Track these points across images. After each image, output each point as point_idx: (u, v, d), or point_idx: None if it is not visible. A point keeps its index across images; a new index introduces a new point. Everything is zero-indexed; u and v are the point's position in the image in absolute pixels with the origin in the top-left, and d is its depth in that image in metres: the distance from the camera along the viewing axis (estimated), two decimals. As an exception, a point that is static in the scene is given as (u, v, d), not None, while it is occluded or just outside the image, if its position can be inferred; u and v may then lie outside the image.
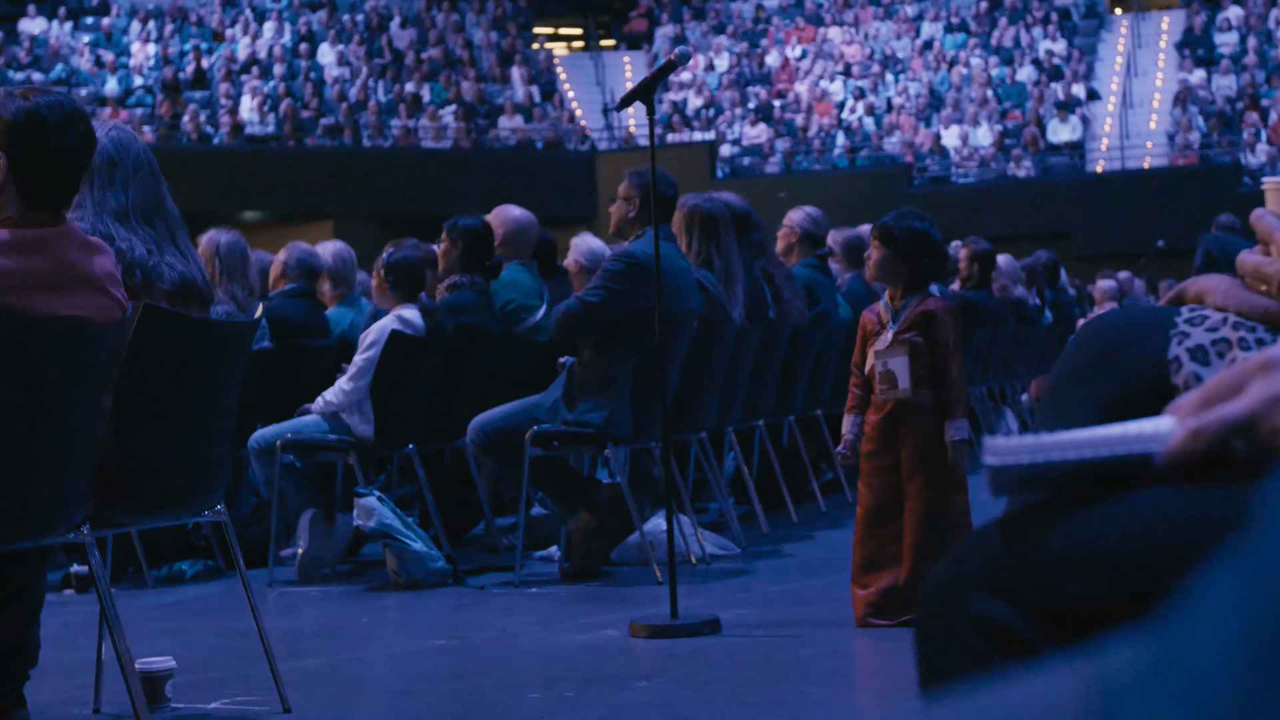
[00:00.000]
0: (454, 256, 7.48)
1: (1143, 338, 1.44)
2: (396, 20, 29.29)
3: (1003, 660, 1.17)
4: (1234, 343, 1.45)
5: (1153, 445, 1.17)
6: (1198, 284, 1.55)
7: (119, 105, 25.09)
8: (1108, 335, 1.44)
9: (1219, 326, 1.46)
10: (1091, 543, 1.18)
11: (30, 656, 4.00)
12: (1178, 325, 1.46)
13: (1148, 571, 1.16)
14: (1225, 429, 1.14)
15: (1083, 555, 1.18)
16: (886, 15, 30.55)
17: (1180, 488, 1.17)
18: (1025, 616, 1.18)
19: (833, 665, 4.75)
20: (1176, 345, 1.44)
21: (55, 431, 3.59)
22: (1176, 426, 1.17)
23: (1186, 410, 1.17)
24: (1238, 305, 1.49)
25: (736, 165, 27.48)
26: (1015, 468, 1.20)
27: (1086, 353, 1.44)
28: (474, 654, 5.13)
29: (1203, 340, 1.44)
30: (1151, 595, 1.12)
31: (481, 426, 6.67)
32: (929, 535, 5.11)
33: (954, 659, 1.21)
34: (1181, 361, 1.42)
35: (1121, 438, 1.18)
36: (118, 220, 4.38)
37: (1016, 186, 25.78)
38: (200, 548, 7.15)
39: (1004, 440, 1.20)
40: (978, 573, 1.23)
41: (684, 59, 6.58)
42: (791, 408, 8.58)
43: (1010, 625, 1.18)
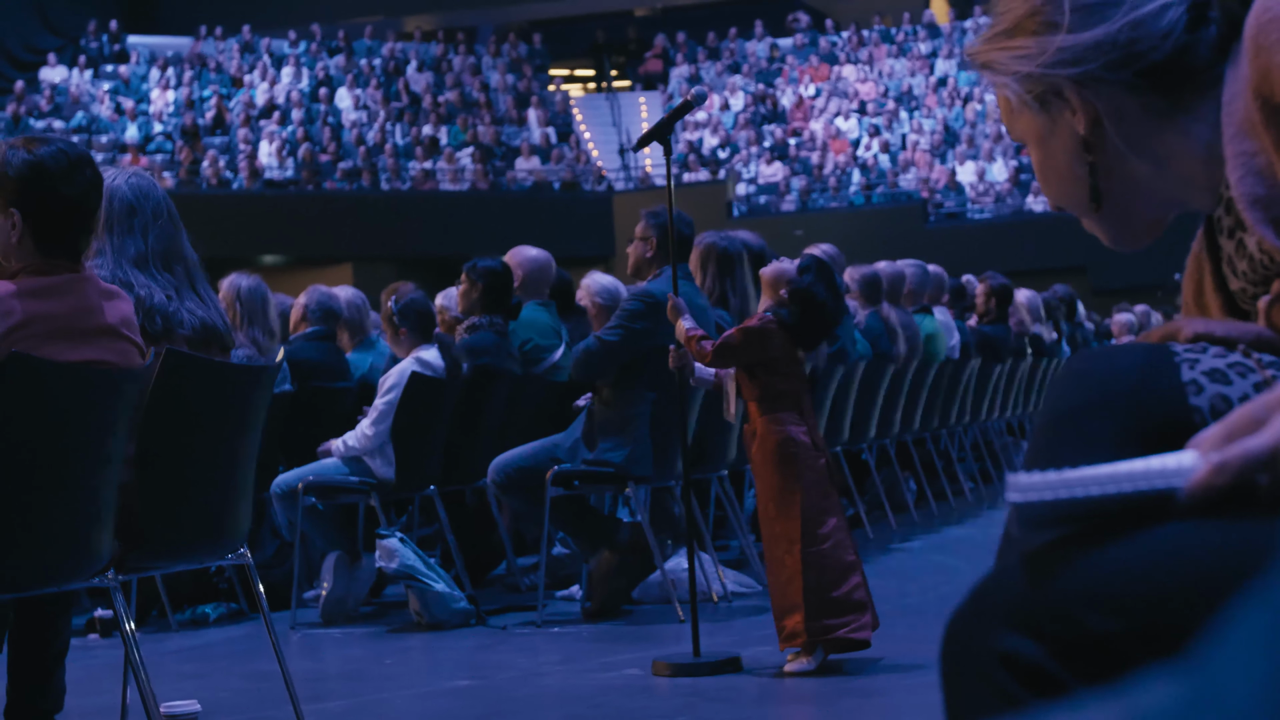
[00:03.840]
0: (474, 298, 7.50)
1: (1149, 367, 1.42)
2: (413, 64, 29.44)
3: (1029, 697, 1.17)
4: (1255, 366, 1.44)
5: (1175, 480, 1.18)
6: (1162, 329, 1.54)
7: (139, 152, 25.23)
8: (1107, 369, 1.42)
9: (1227, 353, 1.45)
10: (1116, 578, 1.18)
11: (56, 701, 4.02)
12: (1180, 354, 1.44)
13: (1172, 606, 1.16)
14: (1249, 463, 1.14)
15: (1107, 590, 1.18)
16: (901, 53, 30.62)
17: (1204, 522, 1.18)
18: (1051, 652, 1.18)
19: (856, 703, 4.74)
20: (1189, 370, 1.42)
21: (78, 477, 3.61)
22: (1199, 461, 1.17)
23: (1209, 444, 1.18)
24: (1225, 332, 1.49)
25: (752, 204, 27.53)
26: (1039, 504, 1.20)
27: (1085, 388, 1.42)
28: (497, 694, 5.13)
29: (1217, 364, 1.43)
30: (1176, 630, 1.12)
31: (502, 467, 6.68)
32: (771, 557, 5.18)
33: (981, 696, 1.21)
34: (1200, 384, 1.40)
35: (1144, 473, 1.19)
36: (137, 267, 4.40)
37: (1032, 222, 25.79)
38: (223, 591, 7.16)
39: (1027, 477, 1.20)
40: (1001, 609, 1.23)
41: (701, 99, 6.59)
42: (811, 445, 8.56)
43: (1036, 661, 1.18)
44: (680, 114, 5.50)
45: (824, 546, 5.07)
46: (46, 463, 3.54)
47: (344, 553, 6.94)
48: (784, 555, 5.09)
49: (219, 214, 23.57)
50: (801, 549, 5.05)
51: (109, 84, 27.34)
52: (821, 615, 5.02)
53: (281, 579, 7.21)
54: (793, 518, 5.10)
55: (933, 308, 10.67)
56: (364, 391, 7.63)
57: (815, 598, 5.02)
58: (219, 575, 7.13)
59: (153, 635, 6.65)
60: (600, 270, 7.94)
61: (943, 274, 11.20)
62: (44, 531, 3.55)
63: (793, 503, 5.11)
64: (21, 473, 3.49)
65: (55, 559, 3.61)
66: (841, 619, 5.03)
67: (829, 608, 5.03)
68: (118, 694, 4.36)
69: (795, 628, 5.02)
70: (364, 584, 7.08)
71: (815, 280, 5.25)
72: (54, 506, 3.56)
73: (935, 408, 10.44)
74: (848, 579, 5.07)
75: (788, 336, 5.23)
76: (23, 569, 3.53)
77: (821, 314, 5.25)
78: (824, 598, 5.03)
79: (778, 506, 5.14)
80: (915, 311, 10.30)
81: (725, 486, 7.34)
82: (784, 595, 5.07)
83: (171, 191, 22.22)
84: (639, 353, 6.43)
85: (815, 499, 5.12)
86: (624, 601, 6.72)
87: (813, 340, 5.34)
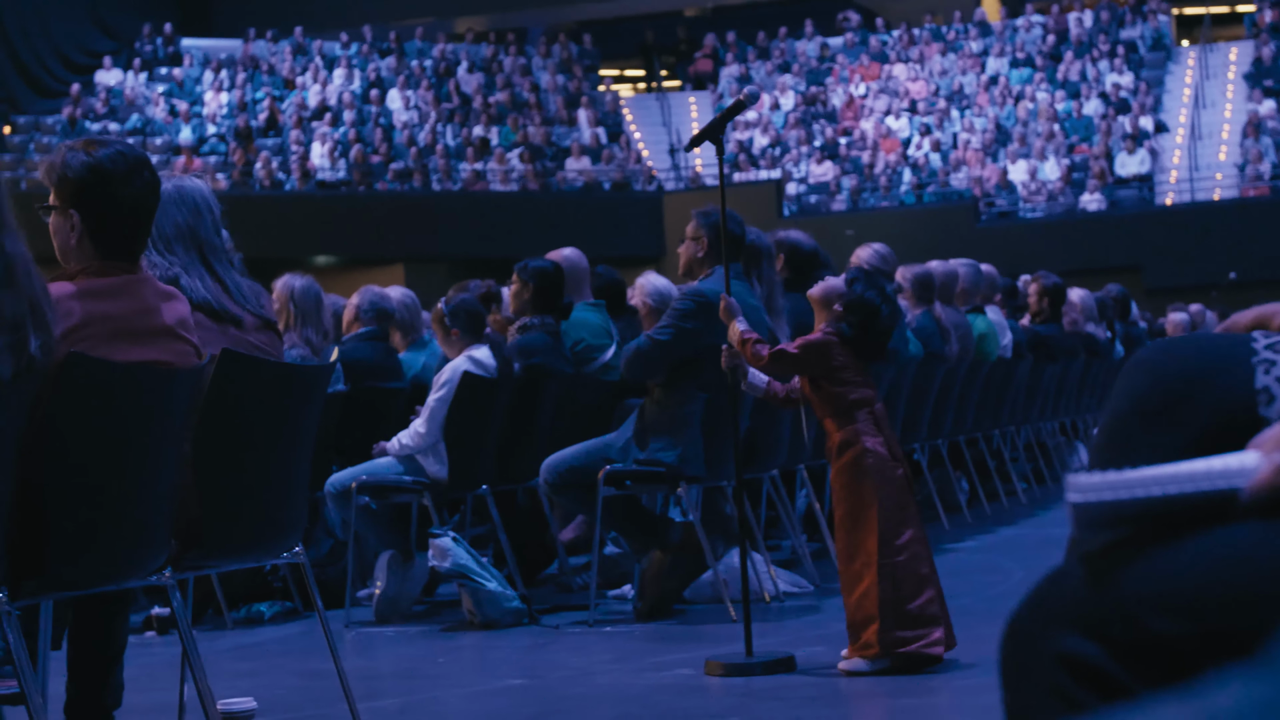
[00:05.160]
0: (525, 298, 7.52)
1: (1221, 369, 1.38)
2: (464, 65, 29.52)
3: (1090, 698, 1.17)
4: None
5: (1237, 480, 1.17)
6: (1256, 311, 1.51)
7: (193, 154, 25.40)
8: (1178, 368, 1.40)
9: None
10: (1177, 579, 1.18)
11: (115, 698, 4.05)
12: (1259, 353, 1.39)
13: (1235, 608, 1.15)
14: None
15: (1168, 592, 1.17)
16: (951, 51, 30.50)
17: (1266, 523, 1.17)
18: (1112, 654, 1.17)
19: (910, 703, 4.73)
20: (1264, 375, 1.38)
21: (135, 476, 3.64)
22: (1261, 461, 1.17)
23: (1271, 445, 1.17)
24: None
25: (803, 203, 27.48)
26: (1099, 504, 1.20)
27: (1156, 386, 1.39)
28: (550, 693, 5.14)
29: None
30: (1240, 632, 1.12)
31: (554, 466, 6.70)
32: (848, 569, 5.15)
33: (1040, 698, 1.21)
34: (1273, 393, 1.36)
35: (1205, 473, 1.18)
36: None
37: (1085, 220, 25.65)
38: (278, 589, 7.20)
39: (1087, 477, 1.20)
40: (1061, 611, 1.22)
41: (754, 99, 6.59)
42: (863, 445, 8.54)
43: (1097, 663, 1.17)
44: (733, 114, 5.50)
45: (900, 559, 5.06)
46: (104, 462, 3.57)
47: (397, 552, 6.97)
48: (860, 568, 5.07)
49: (272, 215, 23.71)
50: (878, 560, 5.04)
51: (163, 86, 27.52)
52: (895, 628, 5.01)
53: (335, 578, 7.25)
54: (869, 530, 5.08)
55: (985, 307, 10.63)
56: (416, 391, 7.66)
57: (890, 610, 5.00)
58: (274, 574, 7.17)
59: (208, 633, 6.69)
60: (653, 270, 7.94)
61: (995, 273, 11.16)
62: (102, 530, 3.58)
63: (869, 514, 5.09)
64: (80, 472, 3.52)
65: (113, 558, 3.64)
66: (915, 632, 5.02)
67: (903, 620, 5.02)
68: (175, 691, 4.40)
69: (869, 639, 5.02)
70: (417, 583, 7.11)
71: (866, 288, 5.24)
72: (112, 506, 3.59)
73: (988, 408, 10.40)
74: (923, 592, 5.06)
75: (849, 349, 5.21)
76: (81, 568, 3.57)
77: (879, 321, 5.23)
78: (899, 610, 5.01)
79: (854, 518, 5.12)
80: (968, 311, 10.26)
81: (777, 486, 7.33)
82: (859, 607, 5.06)
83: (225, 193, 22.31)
84: (690, 352, 6.43)
85: (892, 510, 5.10)
86: (676, 601, 6.73)
87: (876, 351, 5.32)
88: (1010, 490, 10.89)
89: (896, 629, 5.00)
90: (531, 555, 7.77)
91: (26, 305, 3.30)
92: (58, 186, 3.82)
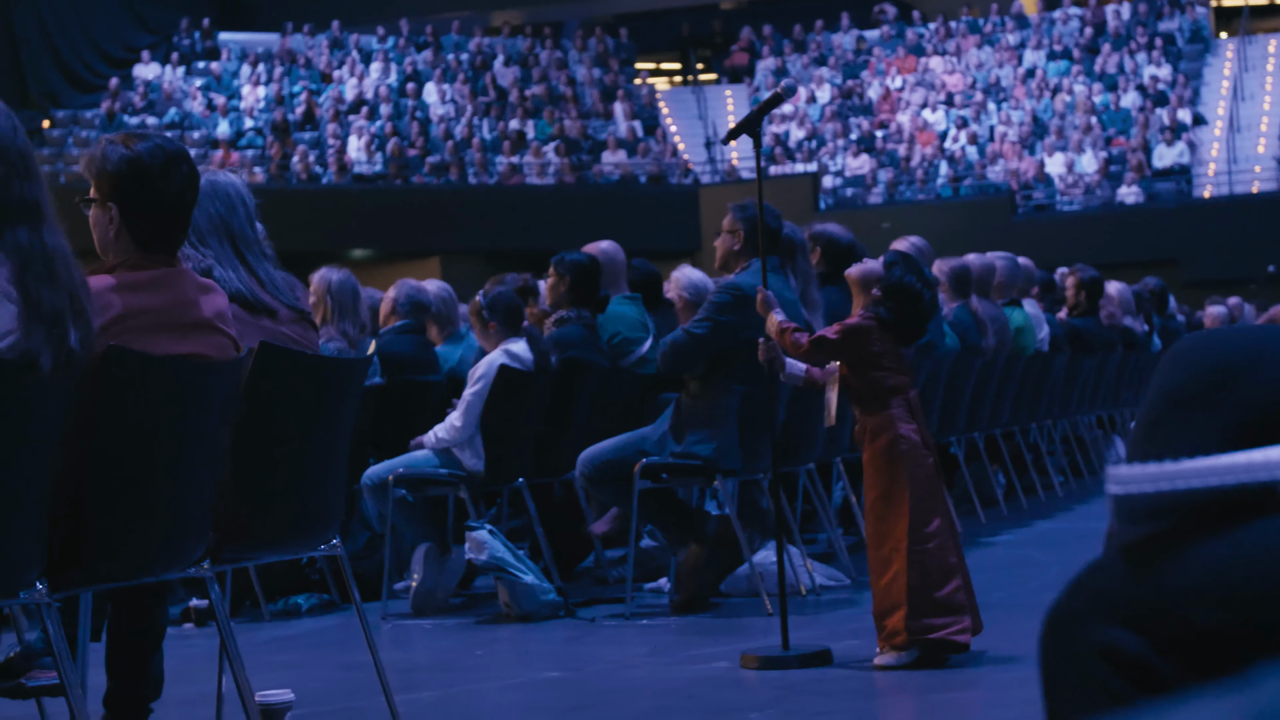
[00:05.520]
0: (561, 291, 7.53)
1: (1261, 360, 1.37)
2: (500, 59, 29.54)
3: (1131, 691, 1.16)
4: None
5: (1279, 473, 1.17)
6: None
7: (230, 147, 25.49)
8: (1217, 358, 1.39)
9: None
10: (1219, 571, 1.17)
11: (154, 690, 4.07)
12: None
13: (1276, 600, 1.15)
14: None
15: (1211, 584, 1.17)
16: (988, 43, 30.38)
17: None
18: (1153, 646, 1.16)
19: (948, 697, 4.73)
20: None
21: (174, 468, 3.65)
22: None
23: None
24: None
25: (839, 196, 27.42)
26: (1140, 496, 1.19)
27: (1197, 377, 1.38)
28: (586, 686, 5.15)
29: None
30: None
31: (590, 459, 6.70)
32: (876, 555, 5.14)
33: (1081, 690, 1.20)
34: None
35: (1247, 465, 1.17)
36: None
37: (1122, 213, 25.52)
38: (315, 582, 7.22)
39: (1128, 469, 1.20)
40: (1102, 603, 1.22)
41: (791, 92, 6.57)
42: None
43: (1138, 655, 1.17)
44: (770, 107, 5.50)
45: (929, 546, 5.06)
46: (143, 455, 3.59)
47: (434, 544, 6.99)
48: (889, 553, 5.07)
49: (309, 209, 23.78)
50: (907, 547, 5.03)
51: (201, 80, 27.62)
52: (923, 615, 5.00)
53: (372, 570, 7.27)
54: (900, 516, 5.08)
55: (1022, 300, 10.60)
56: (453, 384, 7.68)
57: (918, 597, 5.00)
58: (311, 566, 7.20)
59: (246, 625, 6.72)
60: (688, 264, 7.93)
61: (1032, 266, 11.11)
62: (141, 523, 3.60)
63: (900, 500, 5.09)
64: (119, 465, 3.54)
65: (152, 550, 3.66)
66: (942, 619, 5.02)
67: (931, 608, 5.01)
68: (213, 683, 4.42)
69: (896, 626, 5.01)
70: (454, 575, 7.12)
71: (905, 272, 5.23)
72: (151, 498, 3.61)
73: (1024, 401, 10.36)
74: (950, 580, 5.05)
75: (888, 334, 5.21)
76: (120, 560, 3.59)
77: (919, 305, 5.23)
78: (926, 597, 5.01)
79: (885, 504, 5.11)
80: (1005, 304, 10.23)
81: (814, 479, 7.32)
82: (886, 593, 5.05)
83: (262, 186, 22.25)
84: (727, 345, 6.43)
85: (922, 498, 5.10)
86: (712, 594, 6.73)
87: (914, 334, 5.31)
88: (1047, 484, 10.85)
89: (924, 616, 4.99)
90: (568, 548, 7.77)
91: (66, 298, 3.32)
92: (97, 180, 3.84)
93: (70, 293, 3.34)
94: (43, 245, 3.32)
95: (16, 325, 3.25)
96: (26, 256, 3.28)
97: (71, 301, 3.33)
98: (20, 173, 3.34)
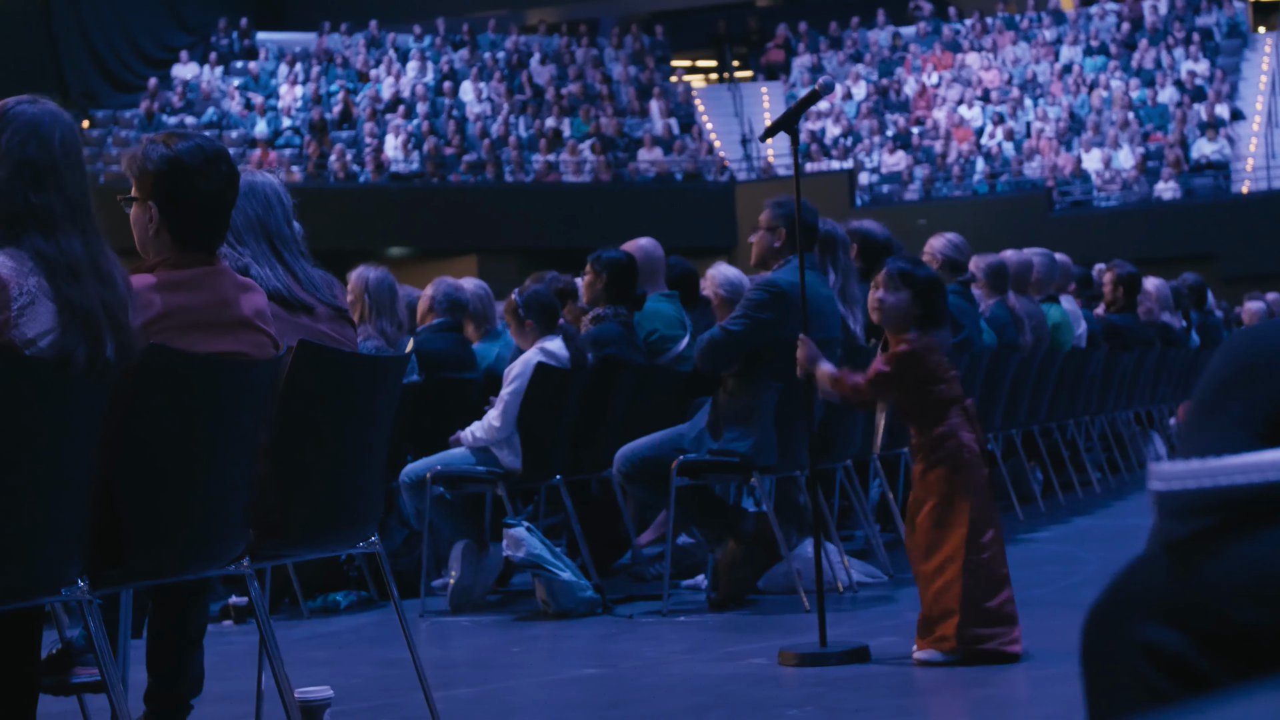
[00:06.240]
0: (598, 289, 7.53)
1: None
2: (536, 57, 29.57)
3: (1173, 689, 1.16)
4: None
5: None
6: None
7: (268, 146, 25.58)
8: (1255, 352, 1.38)
9: None
10: (1262, 569, 1.16)
11: (194, 686, 4.09)
12: None
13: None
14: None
15: (1254, 581, 1.16)
16: (1024, 40, 30.28)
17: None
18: (1196, 644, 1.16)
19: (985, 693, 4.71)
20: None
21: (214, 466, 3.67)
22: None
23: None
24: None
25: (876, 193, 27.36)
26: (1183, 493, 1.19)
27: (1234, 371, 1.38)
28: (624, 683, 5.15)
29: None
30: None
31: (628, 456, 6.71)
32: (929, 563, 5.10)
33: (1122, 687, 1.20)
34: None
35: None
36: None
37: (1160, 209, 25.40)
38: (353, 579, 7.25)
39: (1170, 465, 1.19)
40: (1144, 600, 1.21)
41: (829, 88, 6.56)
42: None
43: (1181, 653, 1.16)
44: (807, 104, 5.49)
45: (984, 556, 5.07)
46: (183, 453, 3.61)
47: (472, 542, 7.00)
48: (944, 561, 5.06)
49: (346, 207, 23.85)
50: (965, 557, 5.04)
51: (239, 80, 27.72)
52: (975, 624, 5.01)
53: (410, 568, 7.29)
54: (958, 525, 5.08)
55: (1060, 297, 10.56)
56: (490, 382, 7.69)
57: (971, 607, 5.01)
58: (349, 563, 7.22)
59: (285, 622, 6.75)
60: (724, 261, 7.93)
61: (1069, 262, 11.07)
62: (181, 520, 3.62)
63: (961, 510, 5.10)
64: (158, 463, 3.56)
65: (191, 547, 3.68)
66: (993, 630, 5.03)
67: (983, 618, 5.03)
68: (252, 679, 4.44)
69: (946, 632, 5.02)
70: (491, 573, 7.14)
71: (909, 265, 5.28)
72: (190, 495, 3.63)
73: (1062, 398, 10.33)
74: (1002, 590, 5.07)
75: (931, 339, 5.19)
76: (160, 557, 3.61)
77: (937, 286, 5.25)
78: (979, 607, 5.02)
79: (943, 511, 5.11)
80: (1042, 301, 10.19)
81: (850, 476, 7.31)
82: (938, 600, 5.05)
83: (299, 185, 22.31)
84: (764, 342, 6.42)
85: (980, 508, 5.12)
86: (749, 591, 6.73)
87: (939, 312, 5.28)
88: (1085, 480, 10.81)
89: (976, 626, 4.99)
90: (604, 545, 7.78)
91: (99, 306, 3.33)
92: (138, 178, 3.86)
93: (104, 301, 3.35)
94: (61, 252, 3.33)
95: (55, 324, 3.28)
96: (50, 262, 3.31)
97: (105, 310, 3.34)
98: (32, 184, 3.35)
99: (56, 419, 3.24)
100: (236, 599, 6.76)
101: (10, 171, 3.35)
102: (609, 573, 7.69)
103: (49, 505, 3.23)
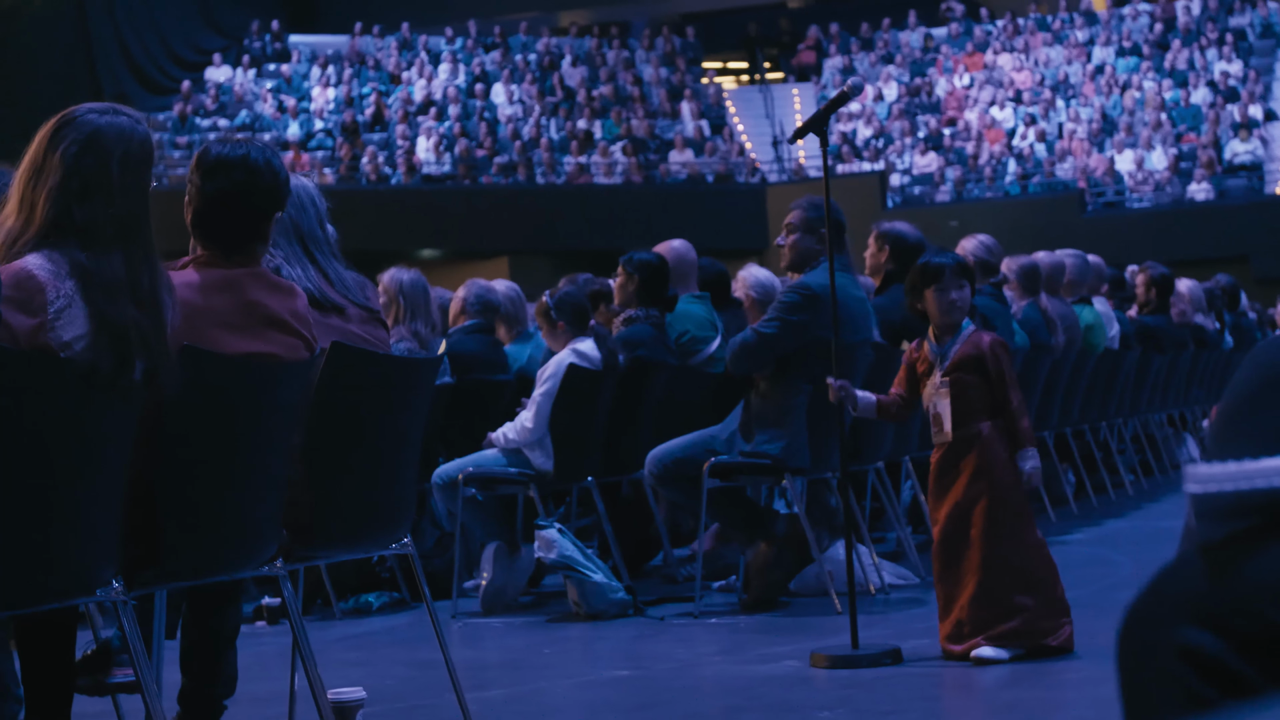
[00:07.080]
0: (630, 290, 7.54)
1: None
2: (568, 59, 29.60)
3: (1211, 692, 1.15)
4: None
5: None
6: None
7: (301, 149, 25.66)
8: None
9: None
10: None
11: (227, 686, 4.11)
12: None
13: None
14: None
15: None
16: (1056, 40, 30.18)
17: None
18: (1234, 647, 1.15)
19: (1020, 695, 4.70)
20: None
21: (247, 468, 3.69)
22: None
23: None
24: None
25: (907, 195, 27.31)
26: (1219, 495, 1.19)
27: (1261, 386, 1.38)
28: (655, 684, 5.15)
29: None
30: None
31: (659, 458, 6.71)
32: (992, 560, 5.10)
33: (1160, 691, 1.19)
34: None
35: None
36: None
37: (1193, 210, 25.29)
38: (386, 580, 7.26)
39: (1206, 467, 1.19)
40: (1181, 603, 1.21)
41: (858, 90, 6.56)
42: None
43: (1219, 656, 1.16)
44: (837, 105, 5.49)
45: (1041, 550, 5.18)
46: (216, 454, 3.62)
47: (503, 543, 7.01)
48: (1008, 555, 5.10)
49: (378, 209, 23.90)
50: (1029, 552, 5.13)
51: (271, 83, 27.81)
52: (1040, 619, 5.09)
53: (442, 569, 7.30)
54: (1026, 520, 5.18)
55: (1092, 298, 10.52)
56: (522, 384, 7.70)
57: (1035, 601, 5.08)
58: (382, 565, 7.24)
59: (317, 623, 6.77)
60: (755, 263, 7.92)
61: (1102, 264, 11.04)
62: (214, 521, 3.63)
63: (1024, 503, 5.19)
64: (192, 465, 3.58)
65: (225, 548, 3.69)
66: (1057, 622, 5.12)
67: (1049, 610, 5.11)
68: (285, 680, 4.45)
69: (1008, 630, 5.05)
70: (523, 574, 7.15)
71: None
72: (224, 497, 3.64)
73: (1094, 399, 10.30)
74: (1058, 584, 5.17)
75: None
76: (193, 559, 3.62)
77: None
78: (1047, 598, 5.11)
79: (1004, 508, 5.14)
80: (1074, 302, 10.16)
81: (882, 478, 7.30)
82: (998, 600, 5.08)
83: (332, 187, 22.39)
84: (796, 345, 6.42)
85: (1026, 503, 5.23)
86: (781, 593, 6.72)
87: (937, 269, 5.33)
88: (1118, 482, 10.78)
89: (1040, 621, 5.08)
90: (637, 546, 7.78)
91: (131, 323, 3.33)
92: (190, 172, 3.95)
93: (137, 323, 3.34)
94: (99, 267, 3.34)
95: (89, 329, 3.29)
96: (86, 275, 3.32)
97: (138, 331, 3.34)
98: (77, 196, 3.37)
99: (91, 421, 3.26)
100: (270, 600, 6.79)
101: (61, 179, 3.37)
102: (640, 574, 7.70)
103: (84, 506, 3.24)
